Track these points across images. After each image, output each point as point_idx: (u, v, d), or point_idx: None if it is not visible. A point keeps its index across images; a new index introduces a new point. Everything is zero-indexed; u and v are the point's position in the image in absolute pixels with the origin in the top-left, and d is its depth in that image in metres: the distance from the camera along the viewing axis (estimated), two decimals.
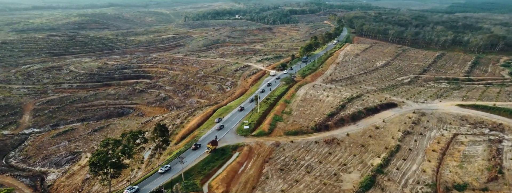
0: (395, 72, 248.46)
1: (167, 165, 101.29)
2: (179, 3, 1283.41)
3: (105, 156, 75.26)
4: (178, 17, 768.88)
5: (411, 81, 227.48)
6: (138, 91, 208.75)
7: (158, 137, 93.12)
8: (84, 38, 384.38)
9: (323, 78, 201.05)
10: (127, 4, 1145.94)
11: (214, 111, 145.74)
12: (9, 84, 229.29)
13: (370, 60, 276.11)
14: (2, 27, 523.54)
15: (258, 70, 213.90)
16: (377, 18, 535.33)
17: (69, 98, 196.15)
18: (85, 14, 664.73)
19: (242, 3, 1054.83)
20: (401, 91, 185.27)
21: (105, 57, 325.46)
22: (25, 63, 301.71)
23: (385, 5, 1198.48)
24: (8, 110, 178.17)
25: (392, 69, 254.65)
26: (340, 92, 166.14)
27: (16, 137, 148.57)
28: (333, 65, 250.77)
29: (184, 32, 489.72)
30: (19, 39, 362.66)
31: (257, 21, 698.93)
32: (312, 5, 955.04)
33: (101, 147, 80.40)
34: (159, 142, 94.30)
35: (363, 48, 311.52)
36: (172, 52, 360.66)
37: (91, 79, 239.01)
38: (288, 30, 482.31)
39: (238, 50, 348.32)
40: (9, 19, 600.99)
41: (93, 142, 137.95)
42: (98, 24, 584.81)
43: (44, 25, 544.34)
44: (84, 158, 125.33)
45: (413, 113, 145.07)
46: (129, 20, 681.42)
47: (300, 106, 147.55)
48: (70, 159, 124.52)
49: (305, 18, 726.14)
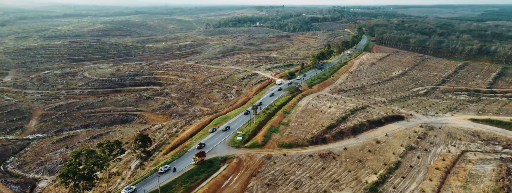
0: (411, 83, 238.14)
1: (167, 165, 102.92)
2: (203, 10, 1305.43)
3: (75, 167, 73.39)
4: (200, 25, 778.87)
5: (427, 93, 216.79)
6: (145, 98, 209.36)
7: (139, 147, 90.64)
8: (103, 45, 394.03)
9: (330, 88, 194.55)
10: (153, 12, 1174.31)
11: (211, 120, 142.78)
12: (25, 89, 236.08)
13: (386, 69, 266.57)
14: (32, 33, 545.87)
15: (265, 79, 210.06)
16: (399, 26, 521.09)
17: (76, 103, 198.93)
18: (110, 22, 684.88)
19: (264, 11, 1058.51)
20: (412, 103, 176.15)
21: (121, 64, 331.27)
22: (45, 68, 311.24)
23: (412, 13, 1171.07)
24: (17, 114, 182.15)
25: (408, 80, 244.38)
26: (344, 103, 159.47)
27: (18, 142, 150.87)
28: (345, 75, 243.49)
29: (202, 39, 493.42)
30: (43, 45, 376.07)
31: (277, 28, 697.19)
32: (335, 12, 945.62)
33: (72, 157, 78.73)
34: (140, 153, 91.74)
35: (380, 57, 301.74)
36: (188, 59, 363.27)
37: (102, 85, 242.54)
38: (306, 38, 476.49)
39: (253, 57, 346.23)
40: (39, 26, 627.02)
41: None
42: (121, 31, 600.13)
43: (71, 32, 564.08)
44: None
45: (420, 127, 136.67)
46: (151, 27, 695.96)
47: (299, 117, 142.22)
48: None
49: (327, 26, 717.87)
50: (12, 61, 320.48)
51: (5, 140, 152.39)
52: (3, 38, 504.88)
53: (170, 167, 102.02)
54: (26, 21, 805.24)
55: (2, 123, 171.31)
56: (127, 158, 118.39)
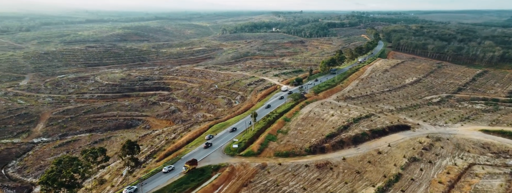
0: (424, 91, 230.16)
1: (171, 165, 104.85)
2: (221, 16, 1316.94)
3: (55, 175, 72.53)
4: (217, 30, 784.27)
5: (441, 101, 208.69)
6: (151, 104, 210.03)
7: (126, 154, 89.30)
8: (118, 50, 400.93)
9: (337, 96, 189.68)
10: (172, 18, 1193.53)
11: (210, 126, 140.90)
12: (38, 93, 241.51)
13: (399, 76, 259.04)
14: (53, 38, 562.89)
15: (272, 85, 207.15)
16: (417, 32, 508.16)
17: (84, 108, 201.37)
18: (129, 27, 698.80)
19: (282, 16, 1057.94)
20: (421, 112, 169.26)
21: (134, 68, 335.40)
22: (61, 73, 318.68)
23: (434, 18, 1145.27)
24: (26, 118, 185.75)
25: (421, 87, 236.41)
26: (348, 111, 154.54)
27: (23, 146, 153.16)
28: (355, 81, 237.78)
29: (217, 44, 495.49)
30: (60, 50, 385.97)
31: (293, 34, 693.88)
32: (353, 18, 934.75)
33: (53, 164, 78.05)
34: (128, 160, 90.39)
35: (394, 64, 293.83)
36: (201, 64, 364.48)
37: (112, 90, 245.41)
38: (321, 43, 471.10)
39: (265, 63, 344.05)
40: (61, 32, 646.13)
41: None
42: (138, 36, 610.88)
43: (90, 37, 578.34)
44: None
45: (426, 137, 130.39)
46: (169, 33, 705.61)
47: (299, 125, 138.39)
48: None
49: (344, 32, 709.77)
50: (30, 66, 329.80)
51: (10, 143, 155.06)
52: (26, 43, 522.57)
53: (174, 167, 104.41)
54: (50, 26, 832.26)
55: (10, 126, 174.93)
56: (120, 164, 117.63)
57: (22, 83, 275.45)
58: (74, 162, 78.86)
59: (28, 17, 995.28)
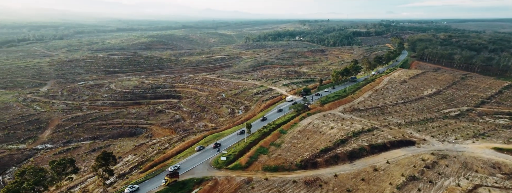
0: (443, 103, 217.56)
1: (176, 165, 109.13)
2: (247, 25, 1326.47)
3: (17, 186, 71.56)
4: (241, 38, 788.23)
5: (459, 115, 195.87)
6: (157, 112, 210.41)
7: (101, 166, 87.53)
8: (138, 58, 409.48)
9: (344, 107, 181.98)
10: (199, 26, 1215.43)
11: (204, 137, 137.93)
12: (54, 99, 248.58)
13: (418, 88, 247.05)
14: (82, 46, 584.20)
15: (278, 95, 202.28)
16: (445, 41, 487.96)
17: (92, 115, 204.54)
18: (155, 36, 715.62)
19: (307, 25, 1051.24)
20: (433, 127, 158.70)
21: (152, 76, 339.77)
22: (81, 80, 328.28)
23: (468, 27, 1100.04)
24: (35, 124, 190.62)
25: (440, 100, 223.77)
26: (351, 124, 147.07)
27: (25, 152, 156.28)
28: (369, 92, 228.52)
29: (237, 53, 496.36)
30: (83, 58, 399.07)
31: (317, 43, 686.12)
32: (380, 26, 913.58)
33: (15, 175, 77.23)
34: (102, 172, 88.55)
35: (414, 74, 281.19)
36: (217, 72, 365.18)
37: (124, 97, 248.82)
38: (341, 52, 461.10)
39: (282, 72, 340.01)
40: (90, 40, 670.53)
41: (84, 162, 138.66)
42: (163, 44, 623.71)
43: (117, 45, 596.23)
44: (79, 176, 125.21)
45: (430, 155, 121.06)
46: (193, 41, 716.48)
47: (295, 137, 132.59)
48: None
49: (369, 41, 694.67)
50: (53, 73, 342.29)
51: (14, 149, 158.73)
52: (57, 50, 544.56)
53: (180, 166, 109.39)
54: (83, 35, 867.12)
55: (19, 132, 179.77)
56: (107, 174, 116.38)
57: (43, 89, 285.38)
58: (39, 173, 77.72)
59: (64, 26, 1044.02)
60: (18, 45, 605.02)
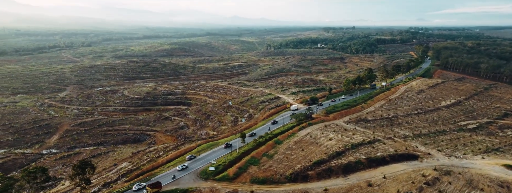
0: (461, 115, 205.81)
1: (184, 164, 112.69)
2: (271, 32, 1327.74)
3: None
4: (262, 46, 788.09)
5: (477, 128, 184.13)
6: (163, 119, 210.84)
7: (77, 174, 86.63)
8: (156, 64, 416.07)
9: (350, 117, 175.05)
10: (224, 34, 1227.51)
11: (198, 145, 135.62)
12: (69, 104, 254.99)
13: (436, 98, 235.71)
14: (107, 53, 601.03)
15: (284, 104, 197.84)
16: (473, 50, 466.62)
17: (100, 121, 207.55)
18: (178, 43, 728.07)
19: (331, 32, 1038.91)
20: (443, 140, 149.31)
21: (168, 83, 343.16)
22: (99, 86, 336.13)
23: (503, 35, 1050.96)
24: (45, 129, 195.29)
25: (459, 111, 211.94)
26: (352, 135, 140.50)
27: (30, 157, 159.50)
28: (381, 102, 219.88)
29: (255, 60, 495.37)
30: (104, 64, 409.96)
31: (339, 50, 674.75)
32: (406, 34, 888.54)
33: None
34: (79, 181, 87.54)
35: (433, 84, 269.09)
36: (234, 79, 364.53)
37: (135, 103, 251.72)
38: (361, 60, 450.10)
39: (298, 80, 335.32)
40: (116, 47, 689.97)
41: None
42: (184, 51, 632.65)
43: (140, 52, 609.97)
44: (60, 185, 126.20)
45: (433, 170, 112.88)
46: (214, 48, 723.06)
47: (290, 148, 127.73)
48: (49, 185, 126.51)
49: (394, 48, 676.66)
50: (74, 78, 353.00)
51: (20, 154, 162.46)
52: (83, 57, 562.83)
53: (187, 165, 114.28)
54: (110, 42, 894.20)
55: (28, 137, 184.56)
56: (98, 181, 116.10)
57: (61, 94, 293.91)
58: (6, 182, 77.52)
59: (94, 34, 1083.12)
60: (48, 51, 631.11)
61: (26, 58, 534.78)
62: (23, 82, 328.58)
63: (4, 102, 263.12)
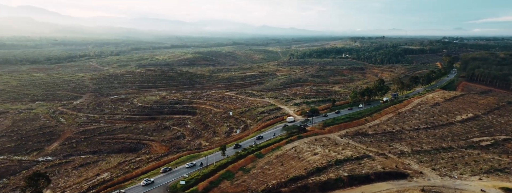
0: (476, 131, 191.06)
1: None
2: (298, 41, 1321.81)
3: None
4: (286, 55, 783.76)
5: (492, 145, 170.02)
6: (163, 128, 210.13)
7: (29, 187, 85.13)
8: (173, 73, 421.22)
9: (348, 131, 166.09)
10: (250, 43, 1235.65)
11: (179, 157, 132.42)
12: (79, 112, 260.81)
13: (451, 112, 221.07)
14: (132, 62, 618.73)
15: (283, 115, 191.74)
16: (504, 61, 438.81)
17: (101, 129, 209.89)
18: (201, 52, 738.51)
19: (358, 42, 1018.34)
20: (443, 157, 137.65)
21: (181, 92, 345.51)
22: (115, 94, 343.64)
23: None
24: (48, 136, 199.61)
25: (474, 126, 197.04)
26: (341, 150, 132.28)
27: (24, 164, 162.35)
28: (389, 115, 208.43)
29: (273, 69, 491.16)
30: (123, 72, 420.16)
31: (363, 60, 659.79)
32: (437, 44, 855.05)
33: None
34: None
35: (450, 96, 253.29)
36: (247, 89, 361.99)
37: (141, 112, 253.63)
38: (381, 71, 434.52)
39: (312, 90, 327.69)
40: (141, 56, 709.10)
41: (64, 178, 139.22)
42: (206, 60, 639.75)
43: (163, 61, 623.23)
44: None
45: (420, 191, 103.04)
46: (237, 57, 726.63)
47: (269, 163, 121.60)
48: None
49: (421, 59, 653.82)
50: (92, 86, 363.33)
51: (16, 161, 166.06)
52: (109, 66, 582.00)
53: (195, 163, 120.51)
54: (139, 51, 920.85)
55: (29, 144, 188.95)
56: None
57: (76, 102, 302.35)
58: None
59: (124, 43, 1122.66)
60: (77, 60, 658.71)
61: (56, 66, 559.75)
62: (43, 89, 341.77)
63: (21, 108, 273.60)
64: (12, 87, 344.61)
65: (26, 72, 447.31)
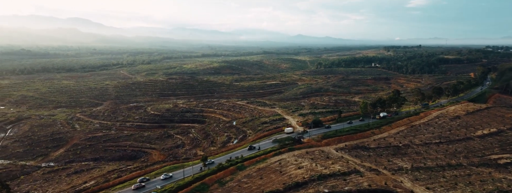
0: (496, 147, 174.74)
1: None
2: (330, 51, 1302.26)
3: None
4: (314, 64, 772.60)
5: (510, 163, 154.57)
6: (166, 136, 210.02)
7: None
8: (193, 82, 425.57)
9: (347, 144, 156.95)
10: (280, 52, 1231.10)
11: (162, 167, 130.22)
12: (94, 119, 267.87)
13: (472, 126, 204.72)
14: (160, 70, 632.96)
15: (283, 126, 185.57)
16: None
17: (108, 136, 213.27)
18: (228, 61, 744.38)
19: (391, 51, 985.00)
20: (445, 176, 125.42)
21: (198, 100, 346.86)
22: (134, 101, 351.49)
23: None
24: (56, 142, 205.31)
25: (495, 142, 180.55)
26: (330, 164, 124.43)
27: (26, 169, 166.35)
28: (401, 128, 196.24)
29: (296, 79, 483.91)
30: (145, 81, 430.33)
31: (394, 70, 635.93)
32: (476, 53, 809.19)
33: None
34: None
35: (474, 109, 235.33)
36: (266, 98, 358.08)
37: (152, 120, 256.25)
38: (407, 81, 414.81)
39: (330, 100, 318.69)
40: (170, 65, 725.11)
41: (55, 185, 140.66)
42: (231, 69, 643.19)
43: (189, 69, 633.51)
44: None
45: None
46: (263, 67, 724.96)
47: (249, 176, 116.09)
48: None
49: (457, 69, 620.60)
50: (113, 94, 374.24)
51: (20, 165, 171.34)
52: (137, 74, 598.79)
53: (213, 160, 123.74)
54: (169, 60, 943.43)
55: (37, 149, 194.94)
56: None
57: (96, 109, 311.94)
58: None
59: (157, 53, 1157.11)
60: (109, 68, 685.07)
61: (88, 74, 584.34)
62: (68, 96, 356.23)
63: (43, 114, 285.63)
64: (41, 94, 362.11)
65: (58, 80, 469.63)
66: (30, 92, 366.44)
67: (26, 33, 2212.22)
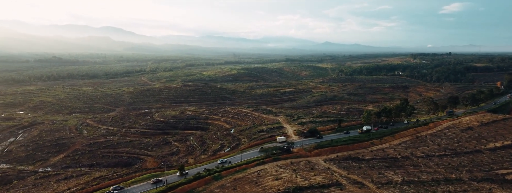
0: (507, 161, 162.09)
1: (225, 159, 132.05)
2: (355, 58, 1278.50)
3: None
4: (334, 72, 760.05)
5: None
6: (164, 143, 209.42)
7: None
8: (206, 89, 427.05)
9: (339, 154, 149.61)
10: (304, 60, 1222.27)
11: (142, 175, 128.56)
12: (102, 125, 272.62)
13: (485, 138, 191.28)
14: (179, 77, 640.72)
15: (278, 134, 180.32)
16: None
17: (108, 142, 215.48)
18: (247, 68, 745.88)
19: (418, 58, 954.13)
20: (435, 191, 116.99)
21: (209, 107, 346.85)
22: (147, 108, 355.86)
23: None
24: (58, 147, 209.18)
25: (506, 156, 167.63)
26: (313, 176, 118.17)
27: (22, 174, 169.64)
28: (405, 139, 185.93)
29: (312, 86, 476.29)
30: (160, 87, 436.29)
31: (417, 78, 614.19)
32: (510, 61, 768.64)
33: None
34: None
35: (489, 120, 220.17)
36: (278, 106, 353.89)
37: (156, 126, 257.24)
38: (427, 90, 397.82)
39: (343, 109, 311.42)
40: (190, 72, 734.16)
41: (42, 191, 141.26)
42: (249, 76, 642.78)
43: (208, 77, 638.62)
44: None
45: None
46: (283, 74, 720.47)
47: (223, 186, 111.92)
48: None
49: (486, 77, 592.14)
50: (127, 100, 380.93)
51: (17, 170, 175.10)
52: (157, 81, 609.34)
53: None
54: (192, 67, 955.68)
55: (39, 154, 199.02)
56: None
57: (107, 115, 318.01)
58: None
59: (181, 60, 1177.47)
60: (131, 75, 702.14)
61: (110, 81, 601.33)
62: (83, 102, 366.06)
63: (56, 119, 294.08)
64: (59, 99, 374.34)
65: (79, 86, 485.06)
66: (49, 98, 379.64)
67: (62, 42, 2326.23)
